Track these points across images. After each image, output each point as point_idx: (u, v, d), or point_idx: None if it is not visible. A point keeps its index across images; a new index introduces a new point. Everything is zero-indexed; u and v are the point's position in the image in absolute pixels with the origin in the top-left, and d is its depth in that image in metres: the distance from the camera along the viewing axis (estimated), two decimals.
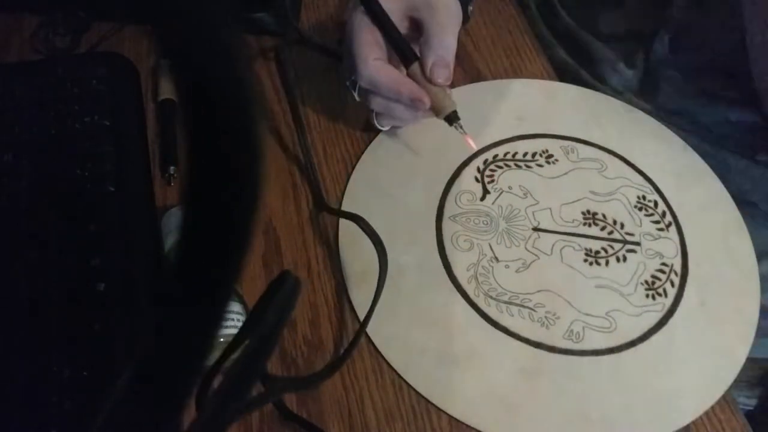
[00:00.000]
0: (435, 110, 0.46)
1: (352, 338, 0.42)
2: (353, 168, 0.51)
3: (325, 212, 0.48)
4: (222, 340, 0.36)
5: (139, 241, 0.45)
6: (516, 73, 0.57)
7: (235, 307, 0.41)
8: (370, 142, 0.52)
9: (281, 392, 0.40)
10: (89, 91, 0.51)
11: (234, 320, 0.39)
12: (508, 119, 0.53)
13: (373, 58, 0.45)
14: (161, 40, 0.13)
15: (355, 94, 0.48)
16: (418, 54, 0.46)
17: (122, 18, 0.59)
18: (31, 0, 0.59)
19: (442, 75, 0.45)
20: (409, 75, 0.47)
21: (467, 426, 0.40)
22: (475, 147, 0.49)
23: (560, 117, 0.53)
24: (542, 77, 0.56)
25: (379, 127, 0.51)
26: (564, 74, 0.58)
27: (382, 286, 0.43)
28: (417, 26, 0.47)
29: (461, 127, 0.46)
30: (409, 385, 0.41)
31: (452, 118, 0.46)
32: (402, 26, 0.47)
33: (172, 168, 0.50)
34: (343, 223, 0.47)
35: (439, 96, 0.45)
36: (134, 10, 0.58)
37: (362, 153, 0.52)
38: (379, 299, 0.42)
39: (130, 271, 0.43)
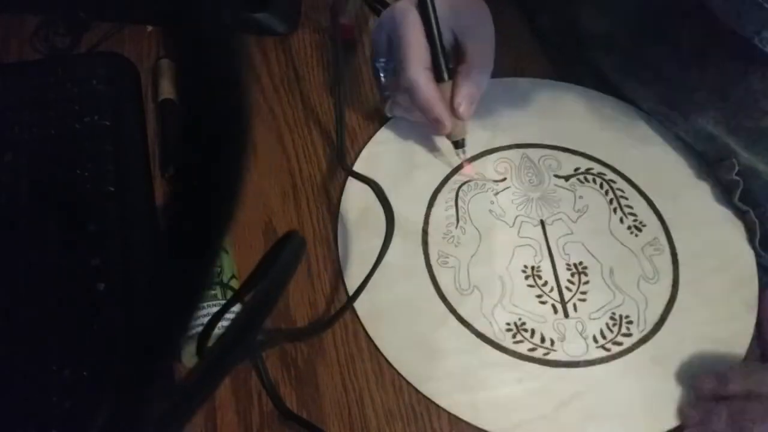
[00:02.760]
0: (448, 134, 0.48)
1: (340, 307, 0.43)
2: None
3: (345, 173, 0.49)
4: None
5: (139, 241, 0.44)
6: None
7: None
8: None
9: (274, 342, 0.42)
10: (89, 91, 0.51)
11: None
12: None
13: (424, 67, 0.45)
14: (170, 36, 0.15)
15: (382, 77, 0.47)
16: (452, 75, 0.46)
17: (122, 18, 0.59)
18: (31, 0, 0.59)
19: (467, 113, 0.47)
20: None
21: (467, 424, 0.40)
22: (472, 174, 0.50)
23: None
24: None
25: (387, 113, 0.51)
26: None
27: (386, 251, 0.43)
28: (457, 46, 0.47)
29: (464, 152, 0.49)
30: (408, 383, 0.41)
31: (459, 144, 0.48)
32: (444, 39, 0.46)
33: (172, 168, 0.50)
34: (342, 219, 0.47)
35: (456, 122, 0.47)
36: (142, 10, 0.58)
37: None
38: (379, 265, 0.43)
39: (130, 271, 0.43)
